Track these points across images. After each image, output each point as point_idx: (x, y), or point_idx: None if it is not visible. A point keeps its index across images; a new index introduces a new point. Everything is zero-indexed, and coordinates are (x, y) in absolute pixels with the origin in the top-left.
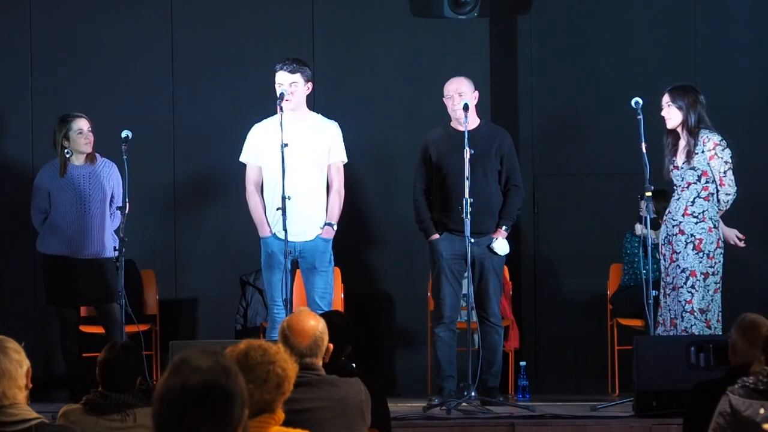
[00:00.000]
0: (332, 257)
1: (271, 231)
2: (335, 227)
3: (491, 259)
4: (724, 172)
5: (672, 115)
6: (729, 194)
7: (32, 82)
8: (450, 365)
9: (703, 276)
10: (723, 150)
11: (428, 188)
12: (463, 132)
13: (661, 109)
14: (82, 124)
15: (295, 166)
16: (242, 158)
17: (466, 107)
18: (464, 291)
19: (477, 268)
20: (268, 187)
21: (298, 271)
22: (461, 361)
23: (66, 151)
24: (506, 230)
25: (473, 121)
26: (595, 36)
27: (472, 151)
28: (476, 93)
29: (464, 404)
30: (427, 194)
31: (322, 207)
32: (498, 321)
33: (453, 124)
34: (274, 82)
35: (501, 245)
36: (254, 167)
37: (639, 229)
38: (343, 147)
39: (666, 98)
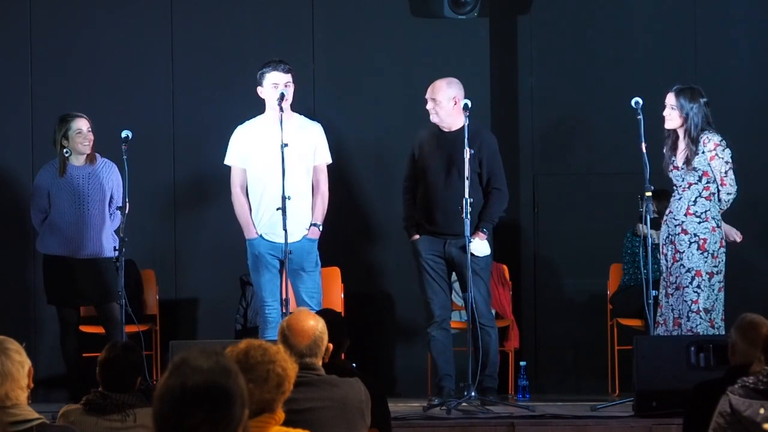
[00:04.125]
0: (318, 258)
1: (257, 232)
2: (321, 228)
3: (473, 261)
4: (725, 172)
5: (672, 117)
6: (730, 193)
7: (32, 82)
8: (447, 364)
9: (708, 276)
10: (723, 150)
11: (414, 185)
12: (446, 132)
13: (663, 107)
14: (81, 124)
15: (278, 166)
16: (227, 161)
17: (466, 107)
18: (461, 291)
19: (458, 270)
20: (255, 189)
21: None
22: (460, 361)
23: (65, 150)
24: (484, 232)
25: (455, 121)
26: (595, 36)
27: (472, 151)
28: (456, 96)
29: (464, 404)
30: (413, 191)
31: (308, 208)
32: (488, 322)
33: (432, 118)
34: (259, 82)
35: (478, 246)
36: (239, 170)
37: (640, 228)
38: (328, 148)
39: (671, 99)
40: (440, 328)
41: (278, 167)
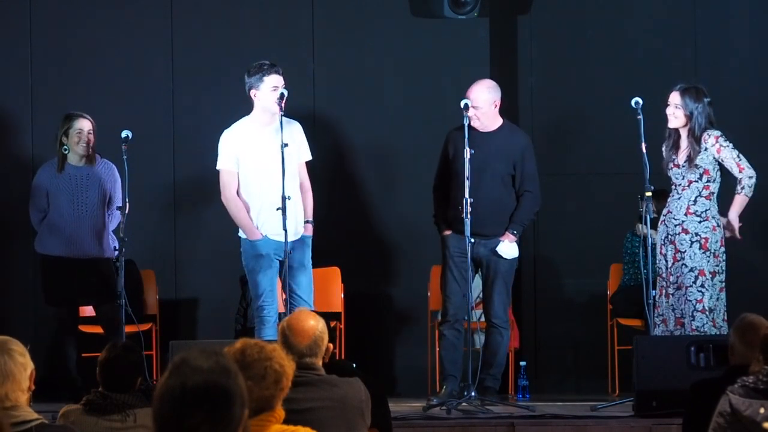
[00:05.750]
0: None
1: (261, 233)
2: (313, 223)
3: (497, 262)
4: (738, 157)
5: (677, 116)
6: (752, 177)
7: (32, 82)
8: (452, 365)
9: (711, 275)
10: (726, 140)
11: (445, 183)
12: (481, 133)
13: (666, 106)
14: (83, 125)
15: (275, 167)
16: (221, 166)
17: (466, 107)
18: (476, 293)
19: (483, 270)
20: (254, 191)
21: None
22: (466, 362)
23: (64, 147)
24: (514, 234)
25: (493, 123)
26: (595, 36)
27: (472, 151)
28: (496, 100)
29: (464, 404)
30: (445, 189)
31: (301, 205)
32: (502, 323)
33: (473, 122)
34: (255, 86)
35: (506, 248)
36: (233, 173)
37: (640, 228)
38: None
39: (675, 98)
40: (452, 327)
41: (278, 167)
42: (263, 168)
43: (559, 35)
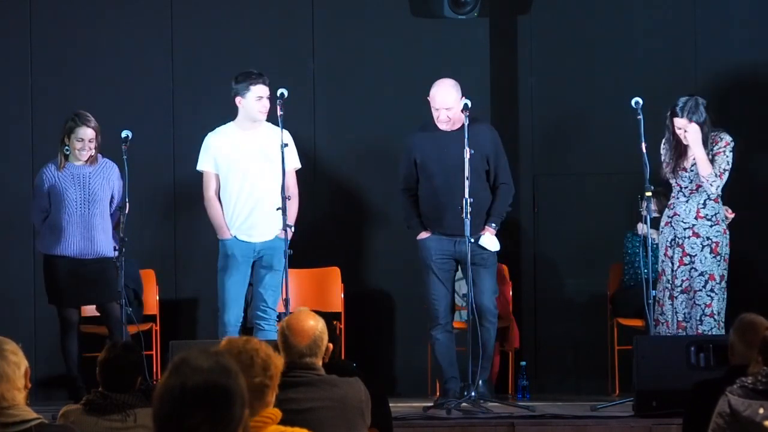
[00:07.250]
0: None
1: (230, 234)
2: (293, 229)
3: (480, 255)
4: (725, 170)
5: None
6: (719, 187)
7: (32, 82)
8: (451, 367)
9: (720, 279)
10: (731, 152)
11: (413, 187)
12: (448, 132)
13: (675, 128)
14: (84, 134)
15: (256, 170)
16: (201, 167)
17: (466, 107)
18: (464, 291)
19: (467, 265)
20: (229, 192)
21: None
22: (462, 361)
23: (65, 148)
24: (494, 227)
25: (456, 122)
26: (595, 36)
27: (472, 151)
28: (461, 96)
29: (464, 404)
30: (413, 192)
31: (274, 208)
32: (491, 315)
33: (443, 126)
34: (241, 93)
35: (489, 241)
36: (210, 175)
37: (641, 228)
38: (296, 153)
39: (684, 123)
40: (444, 330)
41: (256, 170)
42: (240, 171)
43: (559, 35)
